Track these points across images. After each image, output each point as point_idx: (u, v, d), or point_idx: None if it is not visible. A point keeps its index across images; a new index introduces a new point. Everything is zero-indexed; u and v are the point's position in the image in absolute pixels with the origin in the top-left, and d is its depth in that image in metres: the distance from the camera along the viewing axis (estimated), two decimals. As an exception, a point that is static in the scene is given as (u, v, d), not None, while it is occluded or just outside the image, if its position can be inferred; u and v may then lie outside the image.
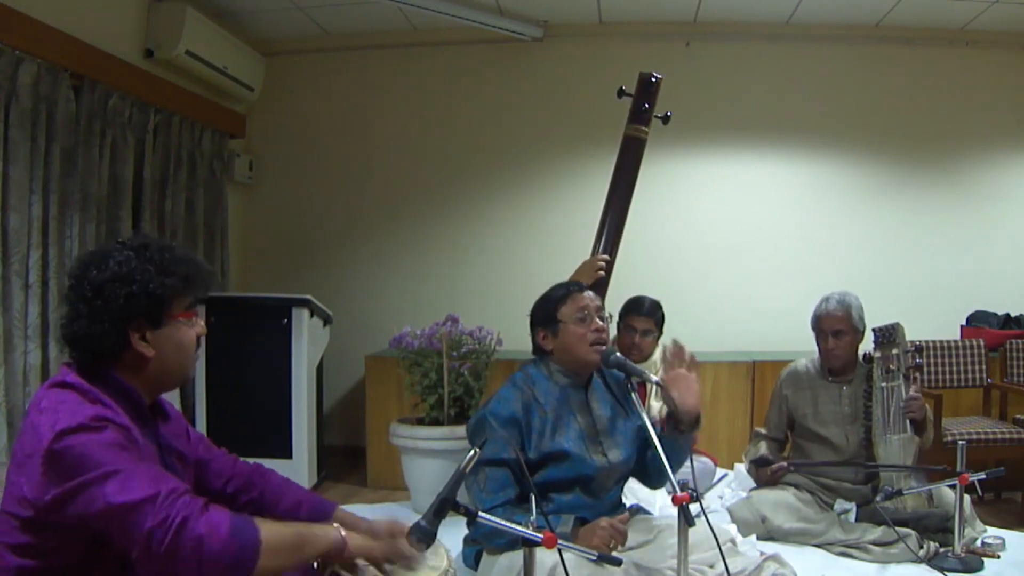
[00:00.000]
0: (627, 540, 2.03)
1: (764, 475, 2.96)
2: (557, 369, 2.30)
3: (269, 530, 1.33)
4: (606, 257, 2.88)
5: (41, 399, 1.36)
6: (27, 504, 1.28)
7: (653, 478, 2.41)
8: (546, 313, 2.30)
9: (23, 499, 1.28)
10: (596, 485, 2.26)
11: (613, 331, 3.43)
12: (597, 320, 2.26)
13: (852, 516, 2.81)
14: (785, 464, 2.93)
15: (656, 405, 3.33)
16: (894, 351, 2.80)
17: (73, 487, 1.25)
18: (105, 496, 1.24)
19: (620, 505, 2.37)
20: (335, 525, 1.48)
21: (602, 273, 2.85)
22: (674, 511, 1.72)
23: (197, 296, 1.51)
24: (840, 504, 2.87)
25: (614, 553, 1.82)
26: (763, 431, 3.18)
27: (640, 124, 2.92)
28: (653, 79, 2.92)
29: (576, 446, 2.20)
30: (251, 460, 1.78)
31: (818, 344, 3.01)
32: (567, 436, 2.20)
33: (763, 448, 3.08)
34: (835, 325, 2.93)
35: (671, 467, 1.83)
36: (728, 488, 3.59)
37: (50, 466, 1.26)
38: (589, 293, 2.33)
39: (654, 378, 2.18)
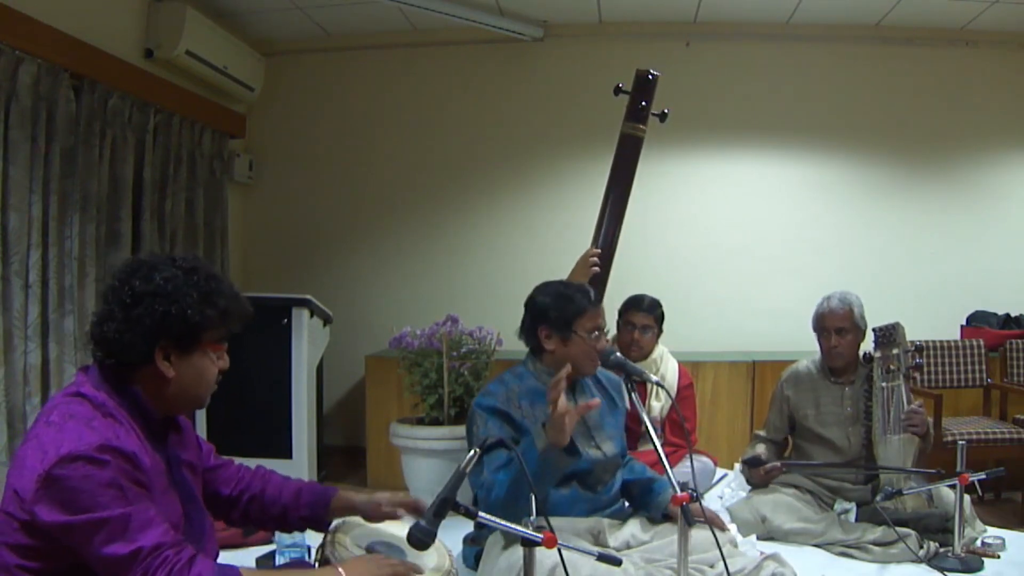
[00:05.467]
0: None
1: (757, 475, 2.93)
2: (544, 369, 2.30)
3: None
4: (597, 251, 2.87)
5: (52, 409, 1.36)
6: (23, 511, 1.28)
7: (642, 503, 2.41)
8: (562, 318, 2.24)
9: (21, 504, 1.28)
10: (593, 478, 2.27)
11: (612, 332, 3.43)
12: (602, 338, 2.28)
13: (852, 516, 2.81)
14: (778, 464, 2.90)
15: (656, 405, 3.33)
16: (894, 351, 2.80)
17: (63, 523, 1.25)
18: (91, 545, 1.26)
19: (619, 499, 2.38)
20: (339, 571, 1.48)
21: (596, 269, 2.84)
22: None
23: (231, 331, 1.51)
24: (840, 504, 2.87)
25: (614, 554, 1.82)
26: (762, 433, 3.17)
27: (637, 122, 2.91)
28: (650, 76, 2.90)
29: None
30: (251, 460, 1.80)
31: (820, 343, 3.00)
32: None
33: (759, 450, 3.07)
34: (837, 322, 2.92)
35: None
36: (728, 488, 3.58)
37: (46, 489, 1.25)
38: (602, 308, 2.33)
39: (654, 378, 2.19)
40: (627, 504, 2.42)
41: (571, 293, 2.29)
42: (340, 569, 1.48)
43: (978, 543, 2.76)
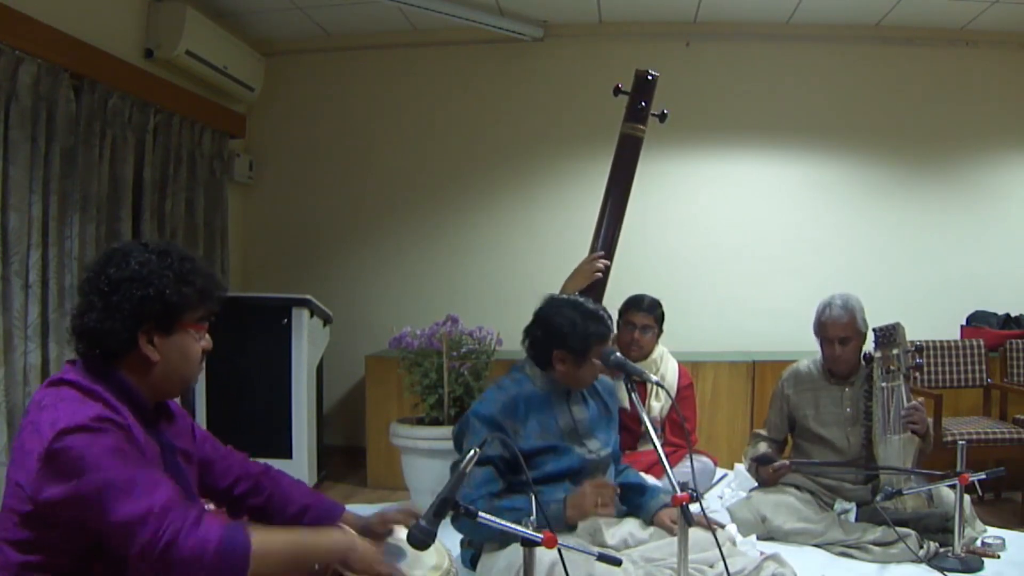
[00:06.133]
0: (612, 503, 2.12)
1: (766, 473, 2.93)
2: (545, 377, 2.32)
3: (262, 539, 1.34)
4: (607, 262, 2.87)
5: (41, 398, 1.36)
6: (26, 499, 1.28)
7: (632, 506, 2.43)
8: (581, 345, 2.23)
9: (22, 494, 1.28)
10: (584, 477, 2.27)
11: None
12: None
13: (852, 516, 2.81)
14: (787, 463, 2.90)
15: (656, 406, 3.33)
16: (894, 351, 2.80)
17: (69, 494, 1.25)
18: (99, 509, 1.26)
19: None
20: (342, 527, 1.48)
21: (600, 275, 2.85)
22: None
23: (209, 310, 1.51)
24: (840, 504, 2.87)
25: (613, 553, 1.82)
26: (763, 432, 3.17)
27: (636, 122, 2.91)
28: (649, 76, 2.91)
29: (559, 441, 2.24)
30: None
31: (822, 349, 2.99)
32: (551, 433, 2.25)
33: (762, 448, 3.07)
34: (840, 332, 2.89)
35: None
36: (728, 488, 3.59)
37: (48, 465, 1.26)
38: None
39: (654, 378, 2.19)
40: (624, 508, 2.43)
41: (591, 322, 2.24)
42: (346, 528, 1.48)
43: (978, 543, 2.77)
